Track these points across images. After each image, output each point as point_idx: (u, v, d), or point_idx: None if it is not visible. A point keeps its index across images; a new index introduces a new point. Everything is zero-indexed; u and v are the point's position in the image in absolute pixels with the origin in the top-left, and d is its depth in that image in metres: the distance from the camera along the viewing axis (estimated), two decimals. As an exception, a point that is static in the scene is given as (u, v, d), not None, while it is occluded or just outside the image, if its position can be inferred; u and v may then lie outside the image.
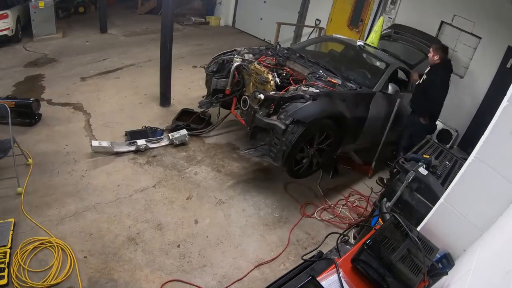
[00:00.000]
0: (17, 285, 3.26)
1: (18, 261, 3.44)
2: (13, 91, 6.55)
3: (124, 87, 7.30)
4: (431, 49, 5.31)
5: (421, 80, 5.46)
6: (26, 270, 3.39)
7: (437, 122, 7.60)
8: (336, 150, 5.22)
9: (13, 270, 3.36)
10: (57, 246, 3.66)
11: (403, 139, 5.76)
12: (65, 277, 3.40)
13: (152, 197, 4.59)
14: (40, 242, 3.67)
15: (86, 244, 3.81)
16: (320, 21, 10.64)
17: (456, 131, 7.56)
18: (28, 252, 3.56)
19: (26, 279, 3.32)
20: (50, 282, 3.33)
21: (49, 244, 3.68)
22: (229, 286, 3.66)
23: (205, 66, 5.82)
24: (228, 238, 4.22)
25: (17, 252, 3.51)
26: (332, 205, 5.08)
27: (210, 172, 5.22)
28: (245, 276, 3.77)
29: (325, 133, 4.81)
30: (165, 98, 6.73)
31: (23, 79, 7.16)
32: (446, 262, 2.28)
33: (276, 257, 4.07)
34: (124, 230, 4.06)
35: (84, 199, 4.38)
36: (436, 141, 5.27)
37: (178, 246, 3.99)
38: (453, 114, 7.62)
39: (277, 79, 5.07)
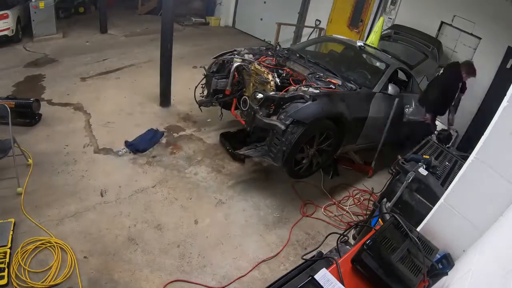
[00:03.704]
0: (16, 285, 3.26)
1: (18, 261, 3.44)
2: (13, 91, 6.55)
3: (124, 87, 7.30)
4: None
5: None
6: (26, 270, 3.40)
7: (437, 123, 7.63)
8: (336, 151, 5.22)
9: (13, 270, 3.36)
10: (57, 246, 3.67)
11: None
12: (65, 278, 3.40)
13: (152, 198, 4.59)
14: (40, 242, 3.67)
15: (86, 244, 3.81)
16: (320, 21, 10.65)
17: (456, 131, 7.56)
18: (28, 252, 3.56)
19: (26, 279, 3.33)
20: (49, 282, 3.33)
21: (49, 244, 3.68)
22: (228, 285, 3.66)
23: (205, 67, 5.83)
24: (228, 238, 4.23)
25: (18, 252, 3.52)
26: (337, 202, 5.14)
27: (210, 173, 5.23)
28: (244, 276, 3.78)
29: (325, 133, 4.81)
30: (165, 98, 6.73)
31: (23, 79, 7.16)
32: (446, 263, 2.27)
33: (277, 254, 4.08)
34: (124, 230, 4.06)
35: (84, 199, 4.38)
36: (436, 141, 5.27)
37: (178, 246, 3.99)
38: (453, 114, 7.63)
39: (277, 80, 5.07)
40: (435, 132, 6.54)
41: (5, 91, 6.36)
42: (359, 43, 6.45)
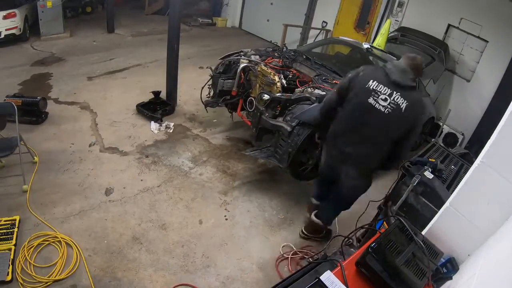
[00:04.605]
0: (21, 281, 3.28)
1: (25, 255, 3.48)
2: (20, 89, 6.60)
3: (130, 87, 7.33)
4: None
5: None
6: (31, 265, 3.43)
7: (444, 126, 7.61)
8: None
9: (19, 263, 3.40)
10: (63, 241, 3.70)
11: None
12: (69, 273, 3.43)
13: (157, 197, 4.61)
14: (45, 238, 3.71)
15: (91, 242, 3.82)
16: (326, 23, 10.63)
17: (462, 134, 7.54)
18: (34, 247, 3.60)
19: (32, 272, 3.37)
20: (55, 277, 3.37)
21: (53, 240, 3.73)
22: (232, 286, 3.67)
23: (212, 67, 5.84)
24: (232, 239, 4.23)
25: (24, 246, 3.57)
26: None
27: (215, 173, 5.23)
28: (248, 277, 3.78)
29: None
30: (171, 98, 6.74)
31: (30, 77, 7.22)
32: (450, 267, 2.27)
33: (281, 255, 4.08)
34: (128, 229, 4.07)
35: (89, 198, 4.40)
36: (442, 144, 5.24)
37: (182, 246, 3.99)
38: (460, 117, 7.60)
39: (284, 81, 5.07)
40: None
41: (12, 89, 6.40)
42: (366, 45, 6.44)
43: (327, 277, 1.87)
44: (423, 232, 2.47)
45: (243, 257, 4.00)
